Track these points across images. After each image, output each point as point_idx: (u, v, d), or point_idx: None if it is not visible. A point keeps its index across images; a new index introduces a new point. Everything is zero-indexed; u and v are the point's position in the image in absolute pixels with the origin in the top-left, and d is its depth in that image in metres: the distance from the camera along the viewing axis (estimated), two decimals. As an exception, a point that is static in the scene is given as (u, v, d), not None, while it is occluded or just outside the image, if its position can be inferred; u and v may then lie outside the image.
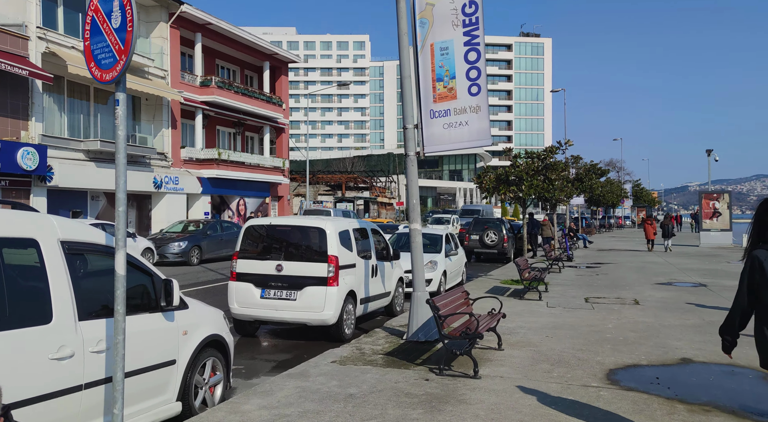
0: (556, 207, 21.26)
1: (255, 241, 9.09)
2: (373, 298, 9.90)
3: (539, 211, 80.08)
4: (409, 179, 8.36)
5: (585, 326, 9.34)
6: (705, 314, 10.41)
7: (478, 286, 14.61)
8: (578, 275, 16.90)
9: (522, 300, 12.14)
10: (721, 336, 3.98)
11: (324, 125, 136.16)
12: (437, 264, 13.61)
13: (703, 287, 14.12)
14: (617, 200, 53.55)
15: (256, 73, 35.38)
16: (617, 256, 24.41)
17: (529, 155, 14.68)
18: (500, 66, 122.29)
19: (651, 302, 11.78)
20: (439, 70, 8.17)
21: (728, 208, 30.00)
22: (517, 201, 15.11)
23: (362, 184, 50.67)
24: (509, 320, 9.73)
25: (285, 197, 35.37)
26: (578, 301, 12.05)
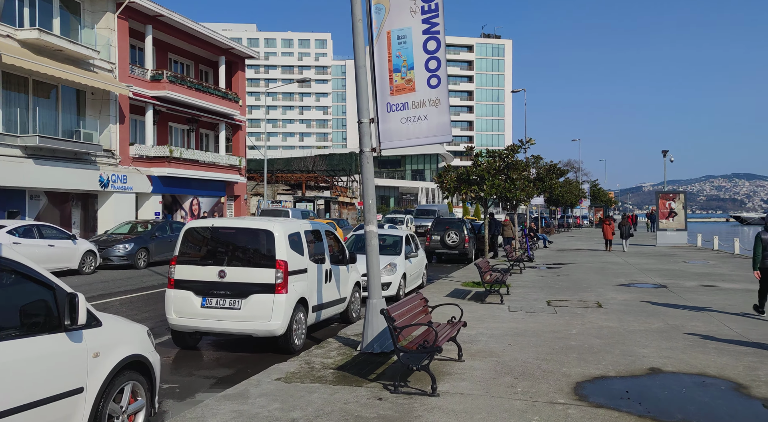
0: (517, 207, 21.01)
1: (196, 244, 8.32)
2: (327, 305, 9.25)
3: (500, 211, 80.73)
4: (365, 177, 7.76)
5: (548, 332, 8.92)
6: (668, 317, 10.16)
7: (439, 289, 14.13)
8: (539, 277, 16.62)
9: (483, 304, 11.69)
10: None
11: (285, 123, 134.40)
12: (396, 267, 13.05)
13: (664, 289, 13.98)
14: (576, 200, 54.22)
15: (212, 69, 34.18)
16: (577, 256, 24.39)
17: (491, 154, 14.27)
18: (462, 67, 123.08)
19: (614, 305, 11.50)
20: (396, 60, 7.59)
21: (684, 208, 30.50)
22: (479, 201, 14.69)
23: (323, 183, 49.79)
24: (470, 326, 9.23)
25: (242, 196, 34.29)
26: (540, 304, 11.67)
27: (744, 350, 7.71)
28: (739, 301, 11.95)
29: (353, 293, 10.49)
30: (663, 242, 30.60)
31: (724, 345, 7.98)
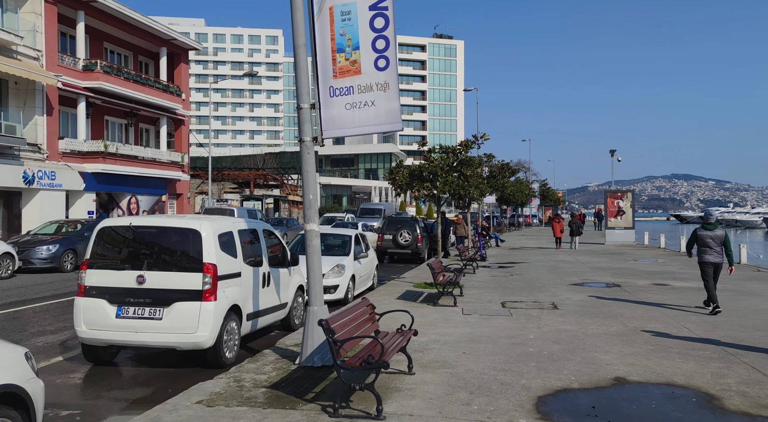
0: (470, 205, 20.55)
1: (111, 246, 7.29)
2: (265, 312, 8.37)
3: (452, 210, 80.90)
4: (305, 170, 6.93)
5: (504, 337, 8.32)
6: (626, 319, 9.75)
7: (390, 291, 13.42)
8: (493, 277, 16.16)
9: (436, 307, 11.04)
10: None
11: (235, 121, 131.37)
12: (345, 268, 12.26)
13: (618, 288, 13.72)
14: (526, 199, 54.79)
15: (153, 61, 32.44)
16: (529, 255, 24.21)
17: (444, 150, 13.66)
18: (414, 66, 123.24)
19: (570, 307, 11.06)
20: (340, 39, 6.80)
21: (631, 207, 30.92)
22: (431, 199, 14.06)
23: (273, 182, 48.41)
24: (422, 332, 8.54)
25: (185, 194, 32.70)
26: (495, 306, 11.12)
27: (707, 354, 7.30)
28: (692, 300, 11.73)
29: (296, 298, 9.63)
30: (611, 240, 30.93)
31: (686, 348, 7.56)
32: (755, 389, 5.83)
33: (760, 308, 10.60)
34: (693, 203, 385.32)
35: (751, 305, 11.05)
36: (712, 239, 10.34)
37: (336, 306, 11.78)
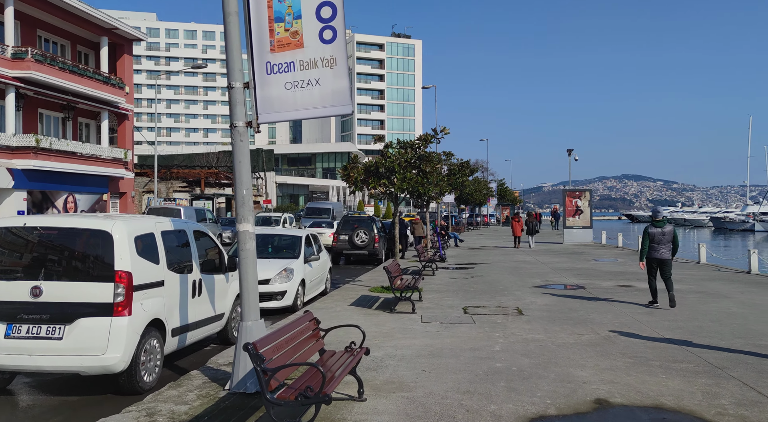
0: (429, 204, 19.78)
1: (2, 251, 6.06)
2: (196, 325, 7.26)
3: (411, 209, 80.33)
4: (237, 161, 5.88)
5: (468, 349, 7.46)
6: (596, 325, 9.06)
7: (344, 296, 12.43)
8: (453, 279, 15.38)
9: (393, 314, 10.11)
10: None
11: (188, 118, 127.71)
12: (293, 272, 11.20)
13: (582, 290, 13.12)
14: (484, 199, 54.70)
15: (93, 51, 30.44)
16: (489, 255, 23.62)
17: (403, 145, 12.77)
18: (373, 65, 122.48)
19: (535, 312, 10.32)
20: (279, 6, 5.78)
21: (589, 206, 30.82)
22: (389, 197, 13.14)
23: (225, 180, 46.62)
24: (377, 345, 7.60)
25: (129, 193, 30.84)
26: (456, 312, 10.28)
27: (691, 367, 6.61)
28: (662, 302, 11.17)
29: (234, 308, 8.53)
30: (570, 239, 30.77)
31: (666, 360, 6.86)
32: (755, 412, 5.12)
33: (733, 312, 10.10)
34: (642, 202, 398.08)
35: (723, 308, 10.56)
36: (662, 236, 10.63)
37: (284, 314, 10.74)
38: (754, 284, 13.83)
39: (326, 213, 35.19)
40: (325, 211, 35.71)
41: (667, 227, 10.65)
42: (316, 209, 36.59)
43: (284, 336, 4.97)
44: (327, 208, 36.28)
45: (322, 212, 35.63)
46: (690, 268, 17.91)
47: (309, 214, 35.45)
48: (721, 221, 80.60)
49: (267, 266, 11.21)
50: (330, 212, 35.42)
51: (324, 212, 35.46)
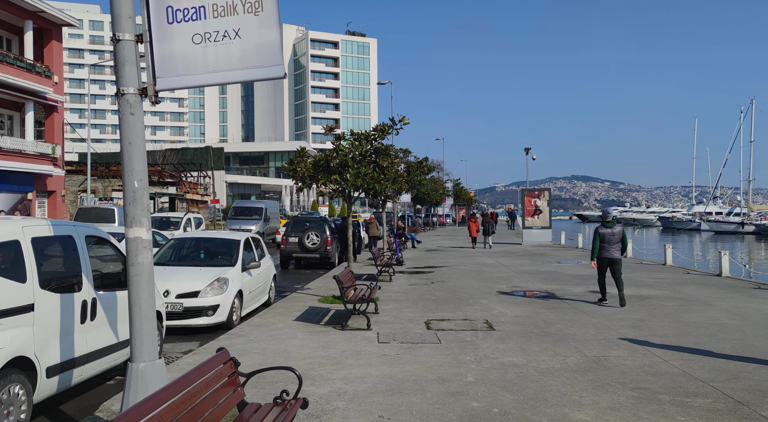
0: (386, 203, 18.40)
1: None
2: (86, 359, 5.60)
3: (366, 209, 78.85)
4: (126, 141, 4.28)
5: (436, 381, 6.07)
6: (580, 343, 7.83)
7: (289, 308, 10.86)
8: (412, 285, 14.02)
9: (345, 332, 8.64)
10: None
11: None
12: (228, 283, 9.56)
13: (554, 298, 11.97)
14: (440, 199, 53.83)
15: (17, 36, 27.67)
16: (448, 257, 22.44)
17: (357, 137, 11.29)
18: (327, 63, 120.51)
19: (507, 326, 9.04)
20: (183, -69, 4.21)
21: (548, 205, 30.12)
22: (341, 195, 11.65)
23: (170, 179, 44.01)
24: (323, 377, 6.13)
25: (58, 192, 28.22)
26: (418, 327, 8.89)
27: (709, 403, 5.41)
28: (642, 313, 10.11)
29: (147, 331, 6.86)
30: (529, 240, 29.99)
31: (676, 392, 5.66)
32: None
33: (724, 324, 9.07)
34: (591, 202, 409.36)
35: (711, 319, 9.54)
36: (612, 236, 10.93)
37: (216, 332, 9.12)
38: (731, 289, 13.02)
39: (257, 214, 30.45)
40: (255, 211, 30.83)
41: (616, 228, 10.98)
42: (245, 209, 31.36)
43: (186, 389, 3.43)
44: (258, 208, 31.27)
45: (252, 212, 30.70)
46: (657, 270, 17.14)
47: (236, 215, 30.50)
48: (669, 220, 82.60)
49: (196, 275, 9.56)
50: (261, 212, 30.63)
51: (254, 213, 30.63)
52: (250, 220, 29.39)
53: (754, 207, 70.90)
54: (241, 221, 28.80)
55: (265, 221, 30.15)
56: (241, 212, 30.80)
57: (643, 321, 9.35)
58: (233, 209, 31.61)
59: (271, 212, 32.01)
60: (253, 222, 29.25)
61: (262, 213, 30.43)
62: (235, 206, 31.99)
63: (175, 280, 9.31)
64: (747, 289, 13.00)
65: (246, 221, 29.05)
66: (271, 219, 31.82)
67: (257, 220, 29.70)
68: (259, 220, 29.79)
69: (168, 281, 9.23)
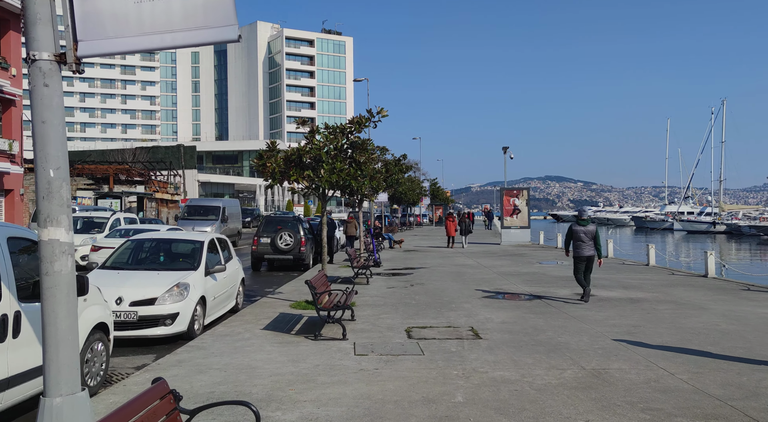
0: (362, 202, 17.62)
1: None
2: (6, 384, 4.70)
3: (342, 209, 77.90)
4: (38, 119, 3.42)
5: (420, 402, 5.33)
6: (575, 354, 7.17)
7: (258, 315, 10.01)
8: (390, 288, 13.28)
9: (318, 342, 7.84)
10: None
11: (105, 113, 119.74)
12: (189, 288, 8.67)
13: (539, 301, 11.34)
14: (417, 198, 53.25)
15: (-28, 24, 26.13)
16: (426, 257, 21.76)
17: (332, 130, 10.49)
18: (303, 61, 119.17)
19: (495, 334, 8.35)
20: None
21: (527, 205, 29.68)
22: (314, 192, 10.84)
23: (139, 177, 42.53)
24: (291, 401, 5.34)
25: (16, 191, 26.75)
26: (399, 336, 8.15)
27: (728, 422, 4.76)
28: (635, 318, 9.53)
29: (90, 346, 5.99)
30: (507, 240, 29.50)
31: (695, 415, 5.01)
32: None
33: (725, 330, 8.52)
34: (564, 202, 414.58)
35: (709, 324, 8.99)
36: (585, 234, 11.10)
37: (175, 343, 8.24)
38: (720, 291, 12.56)
39: (213, 213, 26.55)
40: (211, 210, 26.99)
41: (590, 226, 11.18)
42: (199, 208, 27.49)
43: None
44: (214, 207, 27.49)
45: (208, 211, 26.82)
46: (642, 271, 16.70)
47: (189, 215, 26.64)
48: (642, 220, 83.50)
49: (154, 280, 8.66)
50: (219, 211, 26.80)
51: (210, 212, 26.72)
52: (205, 221, 25.64)
53: (726, 207, 72.00)
54: (194, 222, 25.15)
55: (222, 222, 26.39)
56: (194, 211, 27.16)
57: (638, 327, 8.75)
58: (185, 208, 27.90)
59: (230, 211, 28.54)
60: (207, 223, 25.40)
61: (218, 213, 26.83)
62: (188, 205, 28.13)
63: (130, 286, 8.40)
64: (736, 291, 12.56)
65: (200, 222, 25.29)
66: (230, 220, 28.10)
67: (213, 221, 25.97)
68: (216, 221, 26.03)
69: (121, 287, 8.32)
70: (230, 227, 27.83)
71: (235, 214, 29.56)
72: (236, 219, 29.71)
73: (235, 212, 29.76)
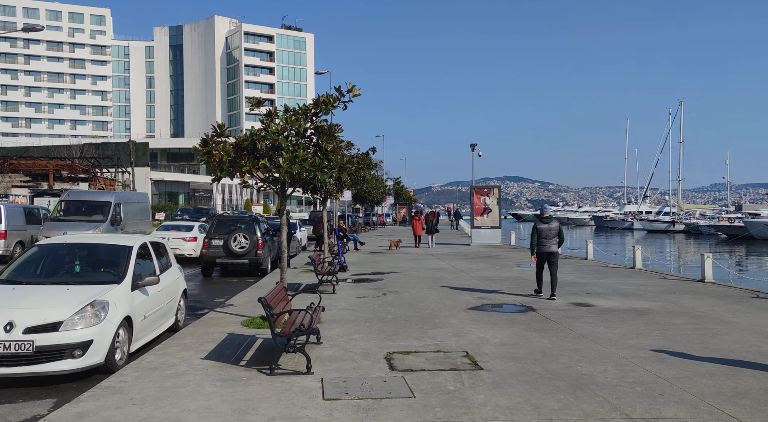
0: (327, 200, 15.83)
1: None
2: None
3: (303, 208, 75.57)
4: None
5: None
6: (608, 391, 5.60)
7: (201, 336, 8.13)
8: (360, 298, 11.54)
9: (274, 379, 6.05)
10: None
11: (53, 108, 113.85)
12: (108, 307, 6.71)
13: (535, 314, 9.80)
14: (381, 197, 51.66)
15: None
16: (395, 260, 20.10)
17: (294, 112, 8.67)
18: (262, 57, 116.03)
19: (497, 361, 6.72)
20: None
21: (498, 204, 28.38)
22: (272, 186, 9.00)
23: (83, 174, 39.48)
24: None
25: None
26: (378, 367, 6.42)
27: None
28: (654, 336, 8.06)
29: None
30: (478, 240, 28.15)
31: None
32: None
33: (766, 352, 7.11)
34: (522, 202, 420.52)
35: (747, 344, 7.57)
36: (550, 231, 11.29)
37: (92, 378, 6.32)
38: (729, 299, 11.31)
39: (98, 212, 19.43)
40: (96, 208, 19.60)
41: (553, 223, 11.36)
42: (79, 204, 19.78)
43: None
44: (100, 202, 19.81)
45: (91, 210, 19.54)
46: (630, 275, 15.44)
47: (65, 214, 19.45)
48: (603, 219, 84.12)
49: (62, 298, 6.68)
50: (106, 208, 19.53)
51: (94, 210, 19.52)
52: (87, 223, 18.70)
53: (684, 206, 72.97)
54: (69, 225, 18.26)
55: (113, 224, 19.47)
56: (73, 209, 19.54)
57: (665, 349, 7.26)
58: (61, 204, 19.86)
59: (130, 208, 21.05)
60: (89, 226, 18.48)
61: (108, 211, 19.45)
62: (65, 200, 19.95)
63: (26, 306, 6.40)
64: (745, 299, 11.33)
65: (78, 225, 18.32)
66: (129, 220, 20.76)
67: (98, 223, 18.94)
68: (102, 222, 19.05)
69: (15, 309, 6.32)
70: (128, 231, 20.38)
71: (137, 212, 22.04)
72: (141, 220, 22.54)
73: (139, 209, 22.33)
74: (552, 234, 11.27)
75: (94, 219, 19.24)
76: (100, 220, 19.23)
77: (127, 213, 20.86)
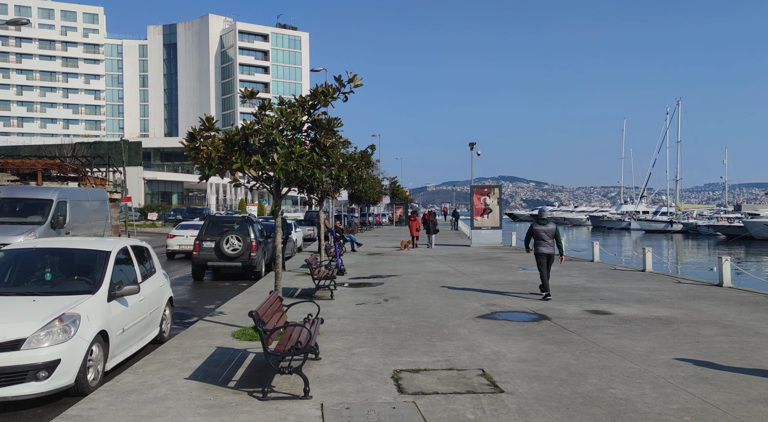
0: (323, 201, 15.04)
1: None
2: None
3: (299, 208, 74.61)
4: None
5: None
6: (642, 418, 4.87)
7: (187, 350, 7.34)
8: (360, 305, 10.78)
9: (267, 404, 5.28)
10: None
11: (45, 107, 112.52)
12: (79, 321, 5.92)
13: (549, 323, 9.06)
14: (378, 197, 50.89)
15: None
16: (394, 262, 19.34)
17: (289, 104, 7.89)
18: (257, 56, 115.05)
19: (518, 381, 5.98)
20: None
21: (499, 204, 27.66)
22: (265, 184, 8.22)
23: (72, 173, 38.47)
24: None
25: None
26: (385, 391, 5.67)
27: None
28: (685, 349, 7.33)
29: None
30: (478, 241, 27.43)
31: None
32: None
33: (822, 368, 6.38)
34: (517, 202, 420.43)
35: (789, 357, 6.85)
36: (546, 233, 11.33)
37: (59, 402, 5.53)
38: (755, 306, 10.61)
39: (36, 211, 16.09)
40: (33, 207, 16.23)
41: (550, 225, 11.41)
42: (13, 202, 16.47)
43: None
44: (40, 201, 16.37)
45: (28, 208, 16.20)
46: (641, 278, 14.72)
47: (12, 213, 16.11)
48: (600, 219, 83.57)
49: (25, 311, 5.90)
50: (46, 207, 16.13)
51: (31, 210, 16.15)
52: (20, 225, 15.45)
53: (682, 206, 72.51)
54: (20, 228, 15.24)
55: (54, 228, 16.12)
56: (7, 209, 16.25)
57: (702, 365, 6.53)
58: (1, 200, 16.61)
59: (78, 209, 17.52)
60: (20, 230, 15.09)
61: (47, 211, 16.10)
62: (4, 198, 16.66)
63: None
64: (771, 304, 10.63)
65: (10, 228, 15.13)
66: (74, 223, 17.10)
67: (33, 225, 15.60)
68: (40, 225, 15.71)
69: None
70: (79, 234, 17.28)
71: (95, 213, 18.80)
72: (98, 222, 18.97)
73: (96, 209, 18.89)
74: (548, 235, 11.33)
75: (30, 221, 15.81)
76: (37, 222, 15.79)
77: (76, 214, 17.29)
